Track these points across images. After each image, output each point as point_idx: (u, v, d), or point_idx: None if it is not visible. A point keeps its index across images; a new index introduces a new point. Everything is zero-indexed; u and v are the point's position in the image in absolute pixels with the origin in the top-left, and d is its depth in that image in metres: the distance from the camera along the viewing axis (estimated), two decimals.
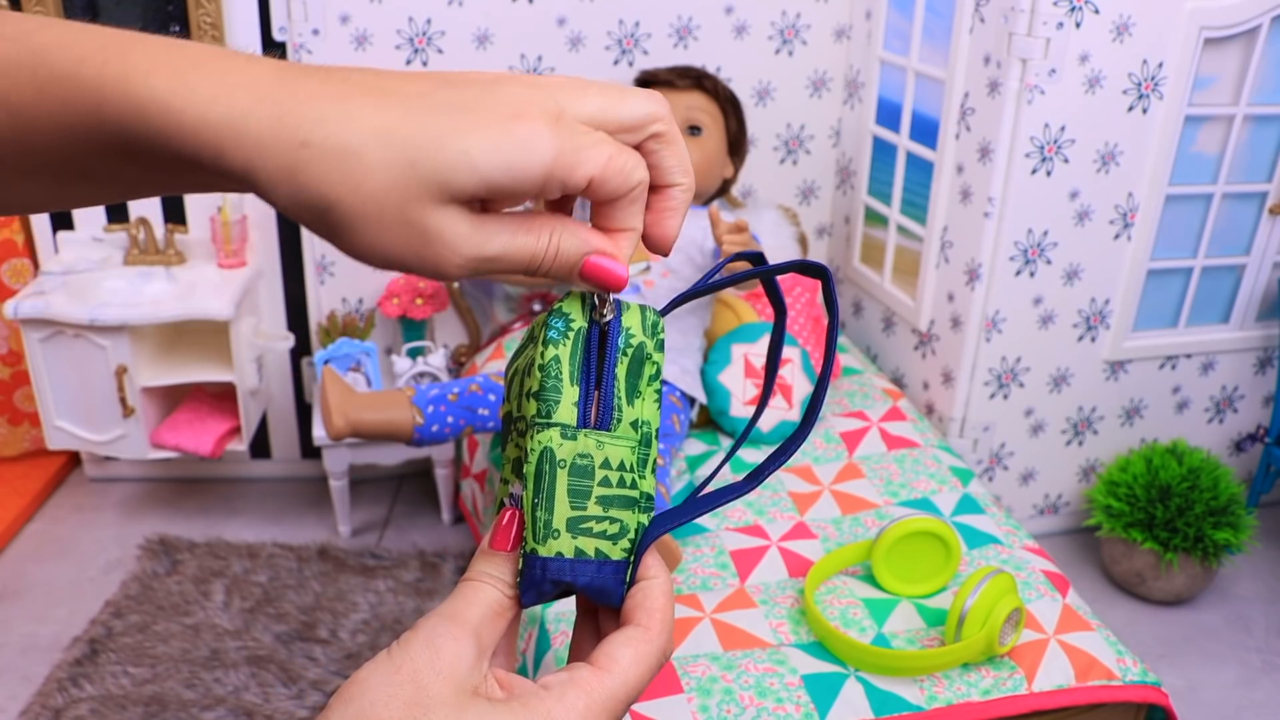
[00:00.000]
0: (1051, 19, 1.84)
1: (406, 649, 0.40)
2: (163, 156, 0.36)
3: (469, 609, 0.42)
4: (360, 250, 0.38)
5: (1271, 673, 2.03)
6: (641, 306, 0.44)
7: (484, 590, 0.42)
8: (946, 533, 1.51)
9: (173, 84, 0.36)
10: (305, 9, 2.13)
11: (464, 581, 0.43)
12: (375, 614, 2.08)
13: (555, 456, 0.42)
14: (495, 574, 0.43)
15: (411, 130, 0.36)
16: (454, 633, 0.40)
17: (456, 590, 0.43)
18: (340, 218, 0.37)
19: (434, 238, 0.38)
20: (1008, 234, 2.01)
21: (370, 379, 2.25)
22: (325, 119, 0.36)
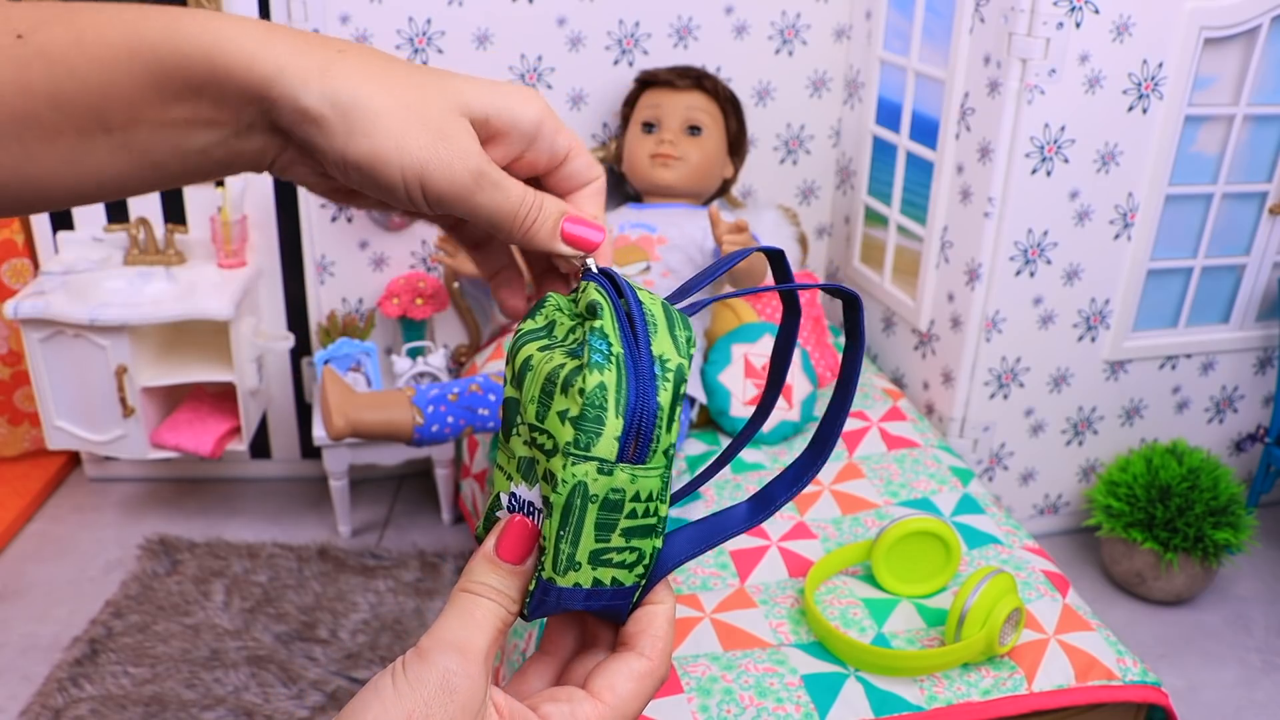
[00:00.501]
0: (1051, 19, 1.84)
1: (417, 687, 0.37)
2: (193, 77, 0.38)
3: (479, 635, 0.39)
4: (379, 146, 0.39)
5: (1271, 673, 2.03)
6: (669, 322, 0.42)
7: (492, 611, 0.40)
8: (946, 533, 1.51)
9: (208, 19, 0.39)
10: (305, 9, 2.13)
11: (468, 596, 0.41)
12: (375, 614, 2.08)
13: (589, 492, 0.39)
14: (502, 589, 0.41)
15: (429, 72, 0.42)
16: (468, 670, 0.38)
17: (461, 607, 0.40)
18: (366, 111, 0.39)
19: (452, 138, 0.40)
20: (1008, 234, 2.01)
21: (370, 379, 2.25)
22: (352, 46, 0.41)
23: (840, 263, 2.64)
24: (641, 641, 0.42)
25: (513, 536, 0.41)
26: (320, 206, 2.30)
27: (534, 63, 2.29)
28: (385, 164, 0.40)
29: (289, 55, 0.39)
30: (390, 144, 0.39)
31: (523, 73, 2.30)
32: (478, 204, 0.42)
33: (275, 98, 0.39)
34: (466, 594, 0.41)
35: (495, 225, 0.43)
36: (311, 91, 0.39)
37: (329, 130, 0.39)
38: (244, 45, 0.38)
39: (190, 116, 0.40)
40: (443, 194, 0.41)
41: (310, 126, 0.39)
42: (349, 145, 0.39)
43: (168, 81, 0.38)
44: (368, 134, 0.39)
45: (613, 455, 0.39)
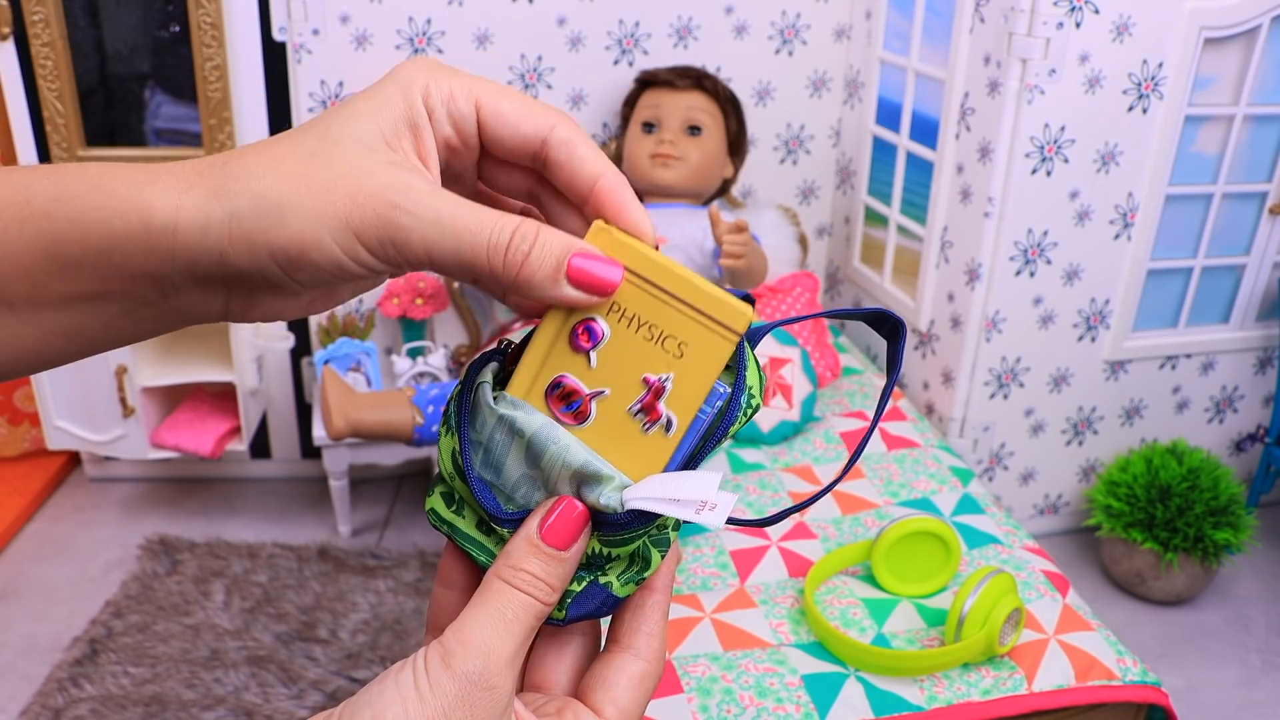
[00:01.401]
0: (1051, 19, 1.84)
1: (438, 693, 0.35)
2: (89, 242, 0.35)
3: (509, 638, 0.36)
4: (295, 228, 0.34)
5: (1271, 673, 2.03)
6: (755, 360, 0.40)
7: (526, 608, 0.36)
8: (946, 533, 1.51)
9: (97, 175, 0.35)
10: (305, 9, 2.13)
11: (503, 586, 0.37)
12: (375, 614, 2.08)
13: None
14: (543, 576, 0.37)
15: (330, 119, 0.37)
16: (493, 679, 0.35)
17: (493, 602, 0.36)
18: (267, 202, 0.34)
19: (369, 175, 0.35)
20: (1008, 234, 2.01)
21: (370, 379, 2.25)
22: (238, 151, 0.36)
23: (840, 263, 2.64)
24: (636, 640, 0.40)
25: (561, 519, 0.37)
26: None
27: (534, 63, 2.29)
28: (315, 242, 0.34)
29: (179, 191, 0.35)
30: (304, 219, 0.34)
31: (523, 73, 2.30)
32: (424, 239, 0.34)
33: (179, 243, 0.35)
34: (501, 583, 0.37)
35: (465, 266, 0.35)
36: (213, 219, 0.34)
37: (240, 241, 0.35)
38: (136, 196, 0.34)
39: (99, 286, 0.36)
40: (384, 243, 0.35)
41: (226, 249, 0.35)
42: (269, 243, 0.34)
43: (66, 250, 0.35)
44: (280, 224, 0.34)
45: None
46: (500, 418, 0.38)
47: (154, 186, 0.35)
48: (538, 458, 0.38)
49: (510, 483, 0.39)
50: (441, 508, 0.41)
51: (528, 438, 0.38)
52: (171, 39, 2.18)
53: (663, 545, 0.40)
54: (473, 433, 0.39)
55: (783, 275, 2.31)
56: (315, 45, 2.17)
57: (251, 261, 0.35)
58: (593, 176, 0.38)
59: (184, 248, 0.35)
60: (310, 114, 2.22)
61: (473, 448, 0.39)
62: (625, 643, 0.40)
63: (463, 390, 0.39)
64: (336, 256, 0.35)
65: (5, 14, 2.07)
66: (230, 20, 2.14)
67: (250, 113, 2.23)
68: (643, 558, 0.39)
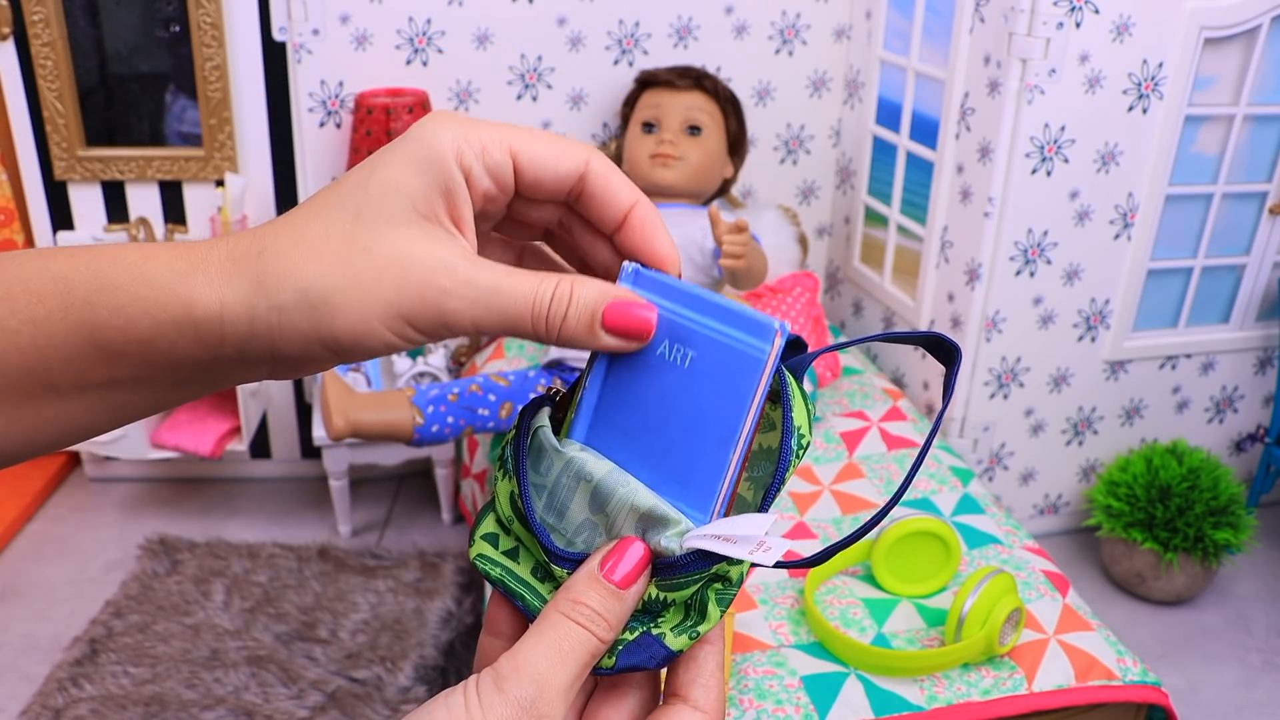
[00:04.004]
0: (1051, 19, 1.84)
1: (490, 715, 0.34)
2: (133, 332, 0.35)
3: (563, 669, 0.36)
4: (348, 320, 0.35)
5: (1271, 673, 2.03)
6: (800, 391, 0.39)
7: (583, 642, 0.36)
8: (946, 533, 1.51)
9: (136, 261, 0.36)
10: (305, 9, 2.13)
11: (561, 619, 0.36)
12: (375, 614, 2.08)
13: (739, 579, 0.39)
14: (602, 612, 0.37)
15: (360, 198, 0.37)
16: (545, 708, 0.35)
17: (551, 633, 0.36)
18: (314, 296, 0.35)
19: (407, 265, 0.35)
20: (1008, 234, 2.01)
21: (370, 379, 2.25)
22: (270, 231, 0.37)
23: (840, 263, 2.64)
24: (694, 691, 0.39)
25: (624, 557, 0.37)
26: None
27: (534, 63, 2.29)
28: (368, 332, 0.36)
29: (221, 284, 0.35)
30: (355, 311, 0.35)
31: (523, 73, 2.30)
32: (472, 317, 0.36)
33: (227, 335, 0.35)
34: (560, 615, 0.37)
35: (512, 331, 0.37)
36: (259, 314, 0.35)
37: (292, 334, 0.35)
38: (177, 289, 0.35)
39: (143, 371, 0.36)
40: (434, 325, 0.36)
41: (277, 340, 0.36)
42: (321, 336, 0.35)
43: (109, 338, 0.35)
44: (331, 317, 0.35)
45: None
46: (569, 462, 0.38)
47: (195, 277, 0.35)
48: (605, 501, 0.38)
49: (573, 527, 0.39)
50: (490, 551, 0.40)
51: (595, 482, 0.38)
52: (171, 39, 2.18)
53: (723, 601, 0.39)
54: (534, 476, 0.39)
55: (783, 275, 2.31)
56: (315, 45, 2.17)
57: (304, 351, 0.36)
58: (626, 206, 0.39)
59: (232, 339, 0.36)
60: (310, 114, 2.22)
61: (535, 491, 0.39)
62: (683, 695, 0.39)
63: (518, 435, 0.40)
64: (389, 340, 0.36)
65: (5, 14, 2.07)
66: (230, 20, 2.14)
67: (250, 113, 2.23)
68: (699, 610, 0.39)
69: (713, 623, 0.39)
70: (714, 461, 0.37)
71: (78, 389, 0.36)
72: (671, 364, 0.38)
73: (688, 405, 0.38)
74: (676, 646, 0.38)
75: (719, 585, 0.39)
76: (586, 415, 0.39)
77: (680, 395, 0.38)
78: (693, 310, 0.38)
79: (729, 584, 0.39)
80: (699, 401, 0.37)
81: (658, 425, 0.38)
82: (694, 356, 0.38)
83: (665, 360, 0.38)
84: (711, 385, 0.37)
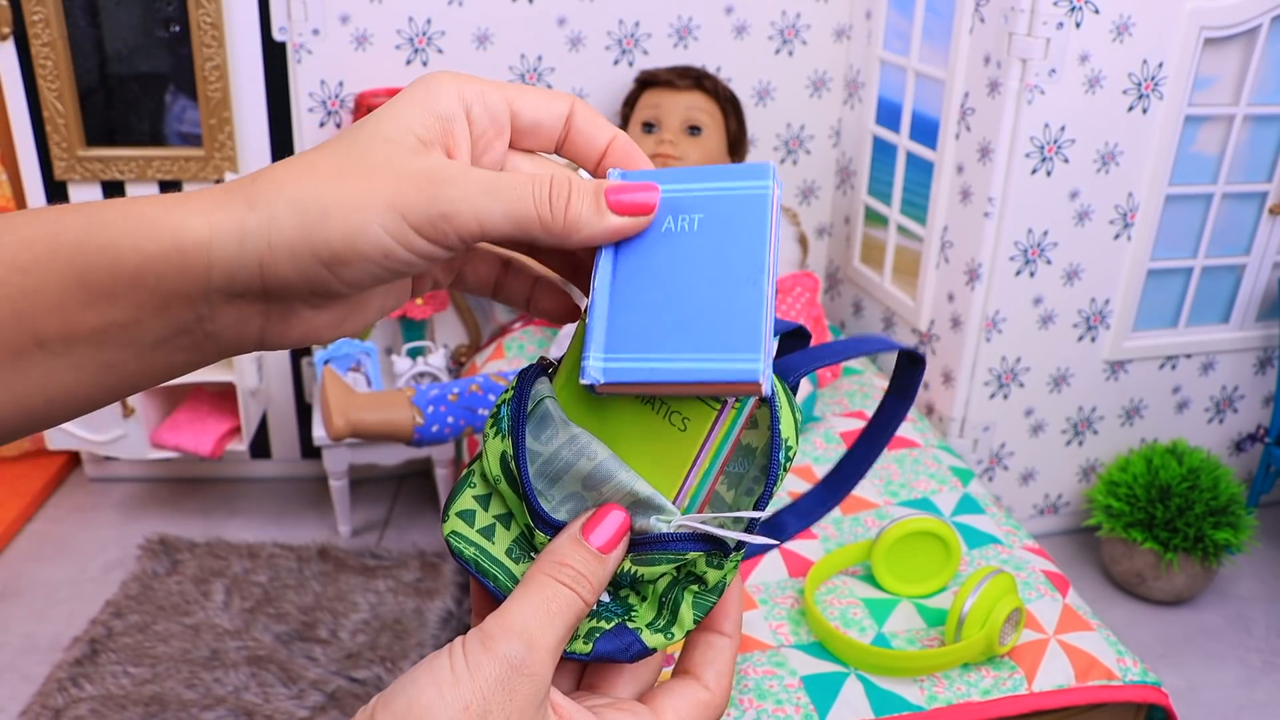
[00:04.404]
0: (1051, 19, 1.84)
1: (476, 675, 0.34)
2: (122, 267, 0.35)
3: (551, 628, 0.36)
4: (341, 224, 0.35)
5: (1271, 673, 2.03)
6: (788, 398, 0.40)
7: (570, 603, 0.36)
8: (946, 533, 1.51)
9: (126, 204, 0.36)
10: (305, 9, 2.13)
11: (547, 580, 0.37)
12: (375, 614, 2.08)
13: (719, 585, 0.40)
14: (586, 573, 0.37)
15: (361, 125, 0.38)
16: (534, 665, 0.35)
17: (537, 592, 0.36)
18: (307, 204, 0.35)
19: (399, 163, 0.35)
20: (1008, 234, 2.01)
21: (370, 379, 2.25)
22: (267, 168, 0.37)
23: (840, 263, 2.64)
24: (706, 673, 0.40)
25: (606, 524, 0.38)
26: None
27: (534, 63, 2.29)
28: (361, 232, 0.35)
29: (210, 208, 0.35)
30: (348, 209, 0.34)
31: (523, 73, 2.30)
32: (473, 209, 0.35)
33: (216, 259, 0.35)
34: (546, 577, 0.37)
35: (517, 224, 0.36)
36: (249, 229, 0.35)
37: (282, 247, 0.35)
38: (167, 218, 0.35)
39: (132, 314, 0.35)
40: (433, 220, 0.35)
41: (266, 256, 0.35)
42: (312, 243, 0.35)
43: (97, 278, 0.34)
44: (322, 219, 0.34)
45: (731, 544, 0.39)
46: (574, 437, 0.39)
47: (184, 206, 0.35)
48: (601, 482, 0.38)
49: (560, 496, 0.39)
50: (465, 529, 0.40)
51: (597, 462, 0.38)
52: (171, 39, 2.18)
53: (699, 607, 0.40)
54: (532, 441, 0.39)
55: (783, 275, 2.31)
56: (315, 45, 2.17)
57: (294, 265, 0.35)
58: (608, 138, 0.41)
59: (220, 261, 0.35)
60: (310, 114, 2.22)
61: (529, 455, 0.39)
62: (695, 674, 0.40)
63: (518, 397, 0.40)
64: (385, 243, 0.35)
65: (5, 14, 2.07)
66: (230, 20, 2.14)
67: (250, 113, 2.23)
68: (672, 609, 0.39)
69: (685, 627, 0.39)
70: (750, 300, 0.37)
71: (65, 341, 0.35)
72: (680, 233, 0.38)
73: (709, 261, 0.38)
74: (652, 644, 0.39)
75: (695, 588, 0.40)
76: (601, 322, 0.38)
77: (698, 256, 0.38)
78: (686, 182, 0.39)
79: (706, 589, 0.40)
80: (719, 253, 0.37)
81: (684, 294, 0.38)
82: (701, 218, 0.38)
83: (673, 233, 0.38)
84: (727, 234, 0.38)
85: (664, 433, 0.38)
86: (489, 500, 0.41)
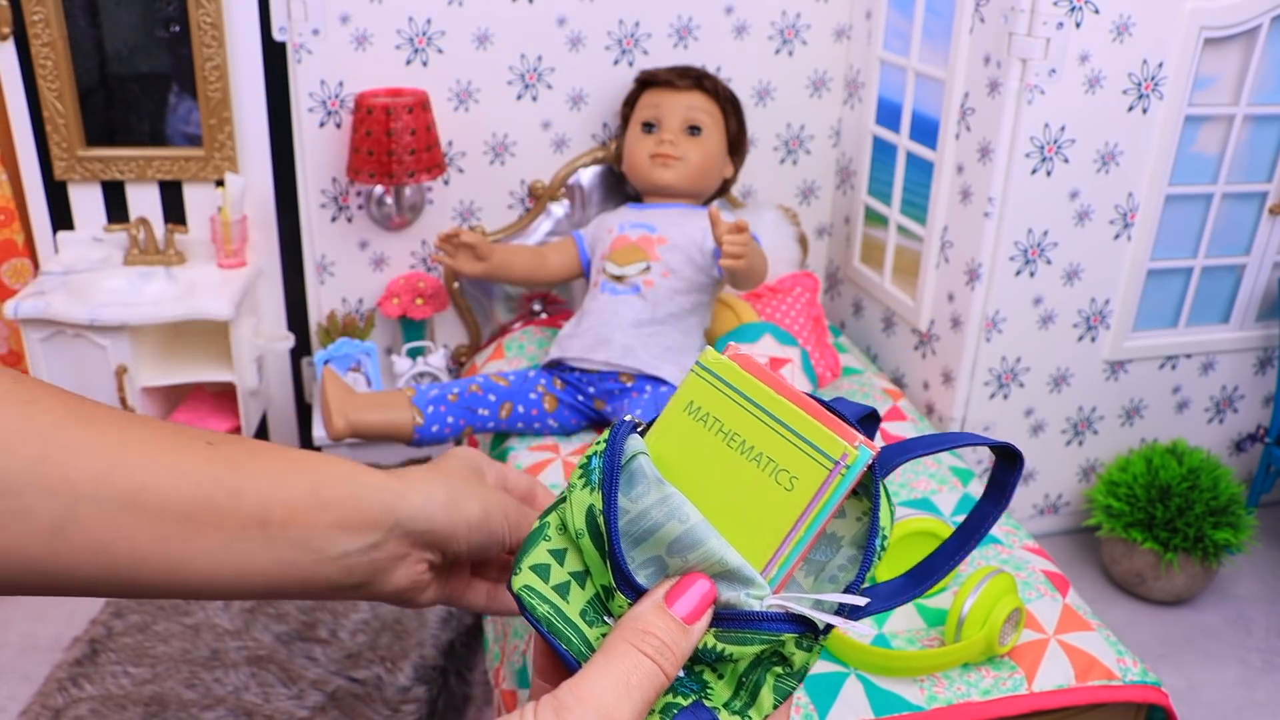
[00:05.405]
0: (1051, 19, 1.84)
1: None
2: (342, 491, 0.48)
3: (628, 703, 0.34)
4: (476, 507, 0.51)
5: (1271, 673, 2.03)
6: (886, 492, 0.39)
7: (650, 676, 0.35)
8: (946, 533, 1.51)
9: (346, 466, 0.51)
10: (305, 9, 2.13)
11: (629, 649, 0.35)
12: (375, 614, 2.08)
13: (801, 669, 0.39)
14: (670, 643, 0.36)
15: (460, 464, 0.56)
16: None
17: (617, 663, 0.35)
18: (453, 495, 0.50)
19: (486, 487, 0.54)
20: (1008, 234, 2.01)
21: (370, 379, 2.25)
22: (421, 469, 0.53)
23: (840, 263, 2.64)
24: None
25: (692, 593, 0.36)
26: (320, 206, 2.30)
27: (534, 63, 2.29)
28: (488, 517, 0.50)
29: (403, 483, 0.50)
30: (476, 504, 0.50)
31: (523, 73, 2.30)
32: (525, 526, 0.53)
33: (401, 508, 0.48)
34: (628, 646, 0.35)
35: None
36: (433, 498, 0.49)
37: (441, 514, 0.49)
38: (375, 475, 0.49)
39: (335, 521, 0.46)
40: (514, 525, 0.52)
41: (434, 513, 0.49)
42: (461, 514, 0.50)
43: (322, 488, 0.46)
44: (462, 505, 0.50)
45: None
46: (667, 497, 0.38)
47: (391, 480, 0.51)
48: (689, 548, 0.37)
49: (639, 560, 0.38)
50: (539, 584, 0.39)
51: (690, 525, 0.37)
52: (171, 39, 2.18)
53: (780, 691, 0.38)
54: (623, 498, 0.38)
55: (783, 275, 2.31)
56: (315, 45, 2.17)
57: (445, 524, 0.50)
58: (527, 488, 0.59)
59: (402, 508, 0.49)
60: (310, 114, 2.22)
61: (619, 512, 0.38)
62: None
63: (611, 452, 0.39)
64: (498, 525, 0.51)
65: (5, 14, 2.07)
66: (230, 20, 2.14)
67: (250, 113, 2.24)
68: (751, 691, 0.38)
69: (763, 711, 0.38)
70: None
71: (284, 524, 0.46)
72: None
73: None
74: None
75: (779, 670, 0.38)
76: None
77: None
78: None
79: (790, 672, 0.38)
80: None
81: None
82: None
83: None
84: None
85: (765, 493, 0.37)
86: (565, 555, 0.39)
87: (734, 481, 0.38)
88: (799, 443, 0.37)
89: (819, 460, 0.37)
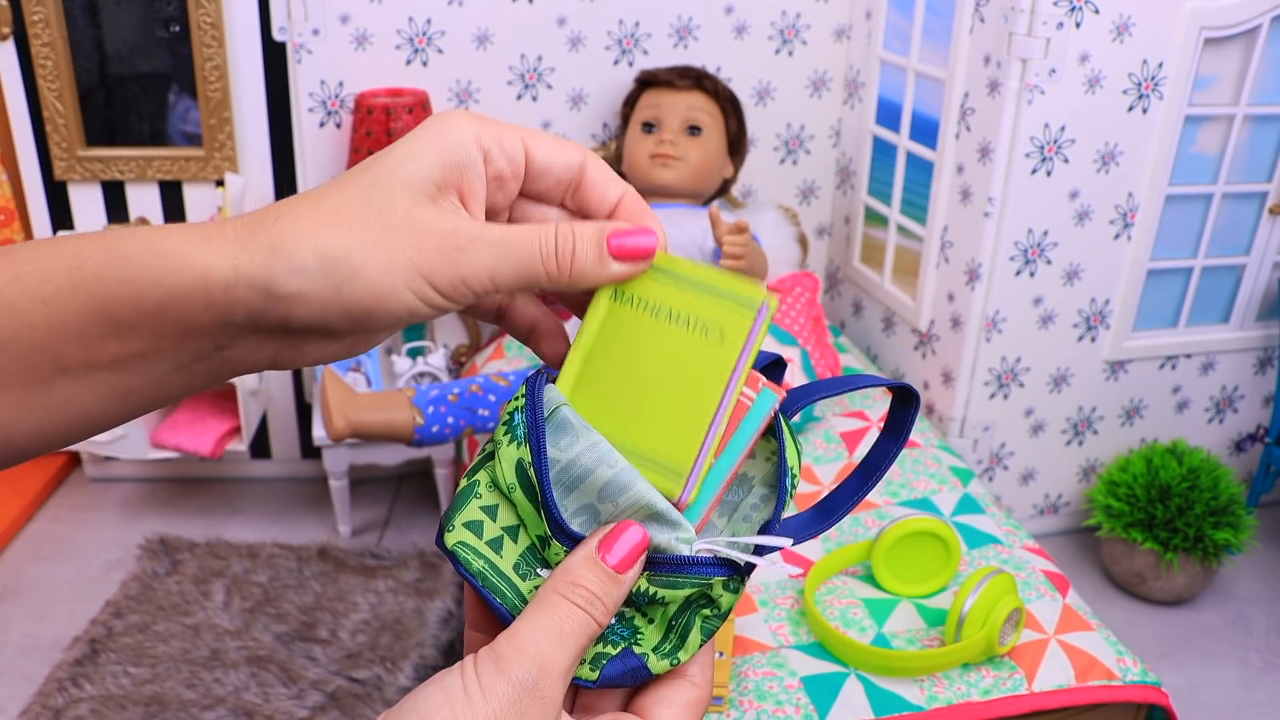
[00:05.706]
0: (1051, 19, 1.84)
1: (489, 697, 0.34)
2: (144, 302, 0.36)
3: (564, 650, 0.36)
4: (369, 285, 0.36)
5: (1271, 673, 2.03)
6: (791, 431, 0.40)
7: (583, 625, 0.36)
8: (946, 533, 1.51)
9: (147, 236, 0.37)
10: (305, 9, 2.13)
11: (561, 600, 0.37)
12: (375, 614, 2.08)
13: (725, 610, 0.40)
14: (600, 594, 0.37)
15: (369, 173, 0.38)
16: (546, 689, 0.35)
17: (550, 613, 0.36)
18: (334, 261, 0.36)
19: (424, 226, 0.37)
20: (1008, 234, 2.01)
21: (370, 379, 2.25)
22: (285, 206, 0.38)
23: (840, 263, 2.64)
24: (691, 668, 0.40)
25: (623, 542, 0.37)
26: None
27: (534, 63, 2.29)
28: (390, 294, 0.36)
29: (235, 250, 0.35)
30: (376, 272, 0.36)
31: (523, 73, 2.30)
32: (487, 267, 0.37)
33: (239, 299, 0.36)
34: (559, 597, 0.37)
35: (527, 279, 0.38)
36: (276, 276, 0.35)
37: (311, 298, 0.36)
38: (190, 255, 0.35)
39: (152, 345, 0.36)
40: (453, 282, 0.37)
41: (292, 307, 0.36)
42: (342, 300, 0.36)
43: (119, 311, 0.35)
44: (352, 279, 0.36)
45: None
46: (595, 444, 0.38)
47: (208, 245, 0.36)
48: (618, 492, 0.38)
49: (572, 508, 0.39)
50: (472, 540, 0.39)
51: (617, 470, 0.38)
52: (171, 39, 2.18)
53: (706, 631, 0.39)
54: (552, 448, 0.39)
55: (783, 275, 2.31)
56: (315, 45, 2.17)
57: (321, 315, 0.36)
58: (618, 195, 0.42)
59: (244, 303, 0.36)
60: (310, 114, 2.22)
61: (549, 463, 0.39)
62: (680, 671, 0.40)
63: (532, 404, 0.39)
64: (411, 303, 0.37)
65: (5, 14, 2.07)
66: (230, 20, 2.14)
67: (250, 113, 2.23)
68: (680, 634, 0.39)
69: (691, 651, 0.39)
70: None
71: (86, 368, 0.36)
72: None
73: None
74: (657, 669, 0.39)
75: (707, 612, 0.39)
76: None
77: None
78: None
79: (717, 613, 0.39)
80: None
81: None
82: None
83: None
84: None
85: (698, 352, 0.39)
86: (497, 511, 0.40)
87: (666, 350, 0.39)
88: (721, 299, 0.39)
89: (743, 307, 0.38)
